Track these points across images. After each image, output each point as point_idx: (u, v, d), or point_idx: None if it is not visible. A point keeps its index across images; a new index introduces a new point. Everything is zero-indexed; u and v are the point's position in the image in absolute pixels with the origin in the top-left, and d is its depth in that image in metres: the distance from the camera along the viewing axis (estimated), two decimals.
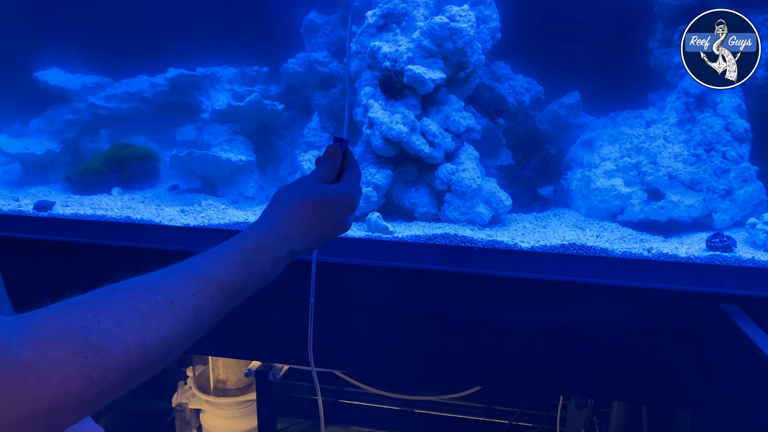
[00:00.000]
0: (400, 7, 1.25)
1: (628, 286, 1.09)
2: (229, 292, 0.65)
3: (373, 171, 1.24)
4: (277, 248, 0.71)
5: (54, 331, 0.50)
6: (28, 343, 0.48)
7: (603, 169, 1.27)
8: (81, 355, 0.50)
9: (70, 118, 1.53)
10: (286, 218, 0.74)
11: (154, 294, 0.58)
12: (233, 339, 1.21)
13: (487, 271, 1.14)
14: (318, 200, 0.75)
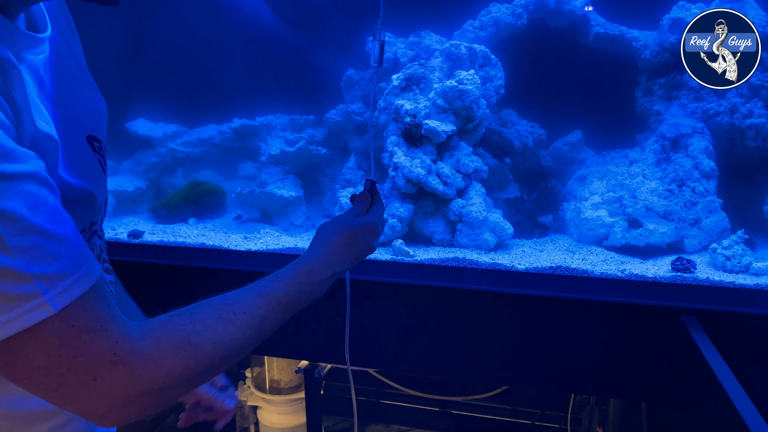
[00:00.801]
0: (419, 72, 1.52)
1: (604, 301, 1.31)
2: (286, 305, 0.82)
3: (398, 205, 1.50)
4: (321, 272, 0.88)
5: (165, 332, 0.67)
6: (149, 340, 0.65)
7: (591, 202, 1.49)
8: (182, 349, 0.67)
9: (154, 161, 1.85)
10: (328, 247, 0.91)
11: (232, 307, 0.75)
12: (285, 341, 1.48)
13: (490, 288, 1.38)
14: (350, 231, 0.92)
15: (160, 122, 1.91)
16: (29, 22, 0.73)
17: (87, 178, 0.75)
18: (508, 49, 1.66)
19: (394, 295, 1.39)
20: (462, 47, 1.53)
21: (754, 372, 1.16)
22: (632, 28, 1.63)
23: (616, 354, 1.30)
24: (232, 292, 0.80)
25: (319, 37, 1.88)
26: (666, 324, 1.26)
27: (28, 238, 0.55)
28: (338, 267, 0.91)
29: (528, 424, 2.38)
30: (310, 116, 1.86)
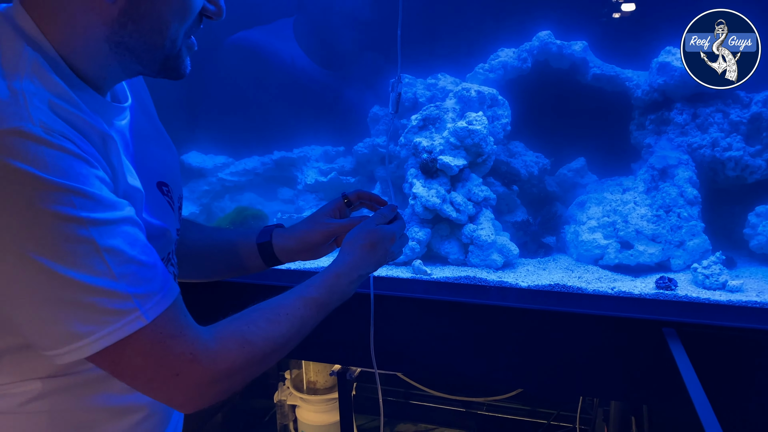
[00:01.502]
0: (434, 113, 1.72)
1: (595, 314, 1.49)
2: (321, 305, 0.96)
3: (417, 229, 1.71)
4: (349, 275, 1.01)
5: (227, 333, 0.82)
6: (215, 341, 0.79)
7: (588, 226, 1.67)
8: (241, 347, 0.81)
9: (206, 188, 2.09)
10: (354, 252, 1.03)
11: (277, 309, 0.89)
12: (321, 347, 1.69)
13: (496, 303, 1.57)
14: (372, 239, 1.05)
15: (210, 154, 2.16)
16: (113, 93, 0.95)
17: (162, 218, 0.97)
18: (515, 89, 1.84)
19: (414, 309, 1.56)
20: (472, 90, 1.72)
21: (720, 376, 1.33)
22: (627, 67, 1.80)
23: (609, 361, 1.47)
24: (277, 297, 0.93)
25: (348, 77, 2.09)
26: (650, 335, 1.43)
27: (128, 267, 0.74)
28: (363, 270, 1.04)
29: (544, 424, 2.55)
30: (340, 148, 2.08)
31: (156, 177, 0.98)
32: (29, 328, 0.73)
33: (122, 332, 0.72)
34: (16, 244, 0.67)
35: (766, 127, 1.62)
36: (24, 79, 0.71)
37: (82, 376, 0.85)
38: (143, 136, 0.98)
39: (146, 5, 0.78)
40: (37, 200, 0.66)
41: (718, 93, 1.66)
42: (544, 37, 1.79)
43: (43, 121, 0.68)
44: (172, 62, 0.86)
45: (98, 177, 0.73)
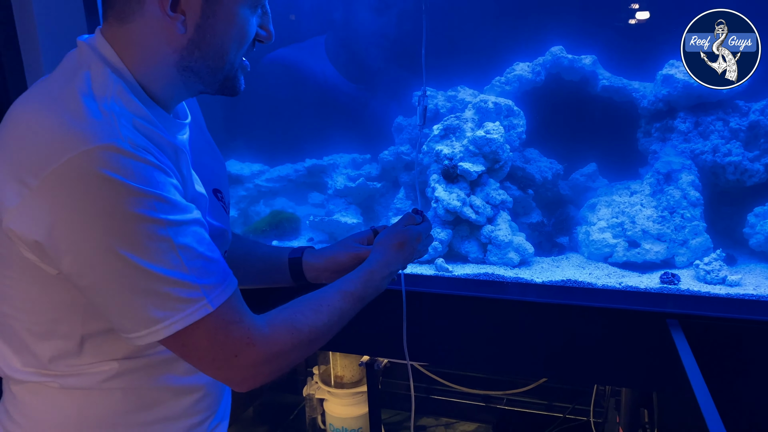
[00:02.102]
0: (454, 124, 1.86)
1: (604, 307, 1.60)
2: (358, 298, 1.06)
3: (439, 230, 1.84)
4: (381, 271, 1.12)
5: (277, 321, 0.93)
6: (268, 327, 0.89)
7: (598, 227, 1.79)
8: (290, 332, 0.92)
9: (243, 194, 2.25)
10: (386, 251, 1.17)
11: (319, 301, 1.00)
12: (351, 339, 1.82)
13: (513, 297, 1.69)
14: (400, 239, 1.18)
15: (247, 162, 2.31)
16: (175, 112, 1.10)
17: (220, 220, 1.12)
18: (530, 100, 1.97)
19: (437, 303, 1.67)
20: (489, 102, 1.86)
21: (718, 362, 1.44)
22: (633, 78, 1.92)
23: (618, 351, 1.58)
24: (319, 290, 1.05)
25: (374, 90, 2.24)
26: (655, 326, 1.55)
27: (197, 262, 0.84)
28: (393, 267, 1.16)
29: (560, 417, 2.64)
30: (367, 155, 2.22)
31: (211, 185, 1.12)
32: (114, 314, 0.83)
33: (192, 317, 0.82)
34: (107, 241, 0.78)
35: (763, 134, 1.73)
36: (111, 101, 0.85)
37: (152, 359, 0.96)
38: (198, 149, 1.12)
39: (211, 35, 0.91)
40: (126, 204, 0.77)
41: (719, 102, 1.78)
42: (556, 51, 1.92)
43: (130, 137, 0.80)
44: (230, 82, 0.98)
45: (173, 184, 0.85)
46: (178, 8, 0.88)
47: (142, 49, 0.91)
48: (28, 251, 0.85)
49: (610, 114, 1.95)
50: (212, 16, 0.90)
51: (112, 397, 0.96)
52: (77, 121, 0.80)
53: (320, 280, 1.30)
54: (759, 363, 1.44)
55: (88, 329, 0.91)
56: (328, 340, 1.03)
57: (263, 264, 1.33)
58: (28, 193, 0.79)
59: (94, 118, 0.80)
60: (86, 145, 0.77)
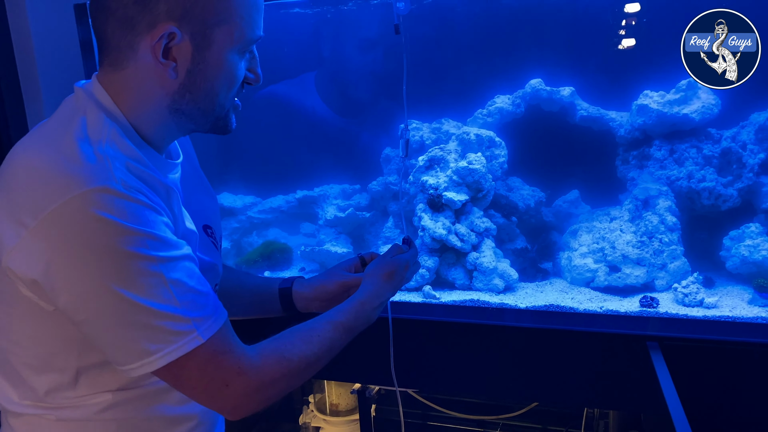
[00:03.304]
0: (438, 155, 1.92)
1: (586, 331, 1.64)
2: (348, 329, 1.09)
3: (426, 258, 1.89)
4: (371, 301, 1.15)
5: (268, 351, 0.97)
6: (258, 357, 0.94)
7: (580, 252, 1.84)
8: (280, 363, 0.97)
9: (236, 226, 2.29)
10: (376, 281, 1.21)
11: (310, 332, 1.05)
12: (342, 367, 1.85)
13: (498, 322, 1.74)
14: (390, 269, 1.22)
15: (240, 194, 2.37)
16: (167, 152, 1.15)
17: (210, 255, 1.17)
18: (511, 131, 2.04)
19: (425, 330, 1.69)
20: (471, 134, 1.93)
21: (694, 381, 1.48)
22: (611, 108, 1.99)
23: (602, 374, 1.61)
24: (310, 321, 1.08)
25: (362, 123, 2.31)
26: (636, 349, 1.59)
27: (188, 296, 0.89)
28: (383, 297, 1.20)
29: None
30: (356, 186, 2.28)
31: (202, 221, 1.17)
32: (109, 347, 0.88)
33: (183, 349, 0.86)
34: (102, 278, 0.83)
35: (735, 161, 1.79)
36: (106, 144, 0.90)
37: (146, 389, 1.01)
38: (191, 185, 1.17)
39: (201, 79, 0.97)
40: (119, 243, 0.82)
41: (692, 130, 1.84)
42: (535, 84, 1.99)
43: (123, 179, 0.85)
44: (221, 122, 1.04)
45: (164, 223, 0.90)
46: (170, 55, 0.94)
47: (136, 93, 0.97)
48: (26, 289, 0.90)
49: (590, 143, 2.01)
50: (202, 62, 0.96)
51: (107, 427, 0.99)
52: (73, 164, 0.85)
53: (311, 309, 1.34)
54: (735, 383, 1.48)
55: (84, 362, 0.95)
56: (318, 370, 1.06)
57: (254, 295, 1.37)
58: (25, 233, 0.84)
59: (89, 161, 0.86)
60: (81, 188, 0.83)
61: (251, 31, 0.99)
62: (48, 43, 1.96)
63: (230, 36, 0.96)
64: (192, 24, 0.93)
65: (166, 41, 0.92)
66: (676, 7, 1.86)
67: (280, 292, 1.35)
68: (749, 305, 1.62)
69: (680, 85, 1.86)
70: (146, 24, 0.91)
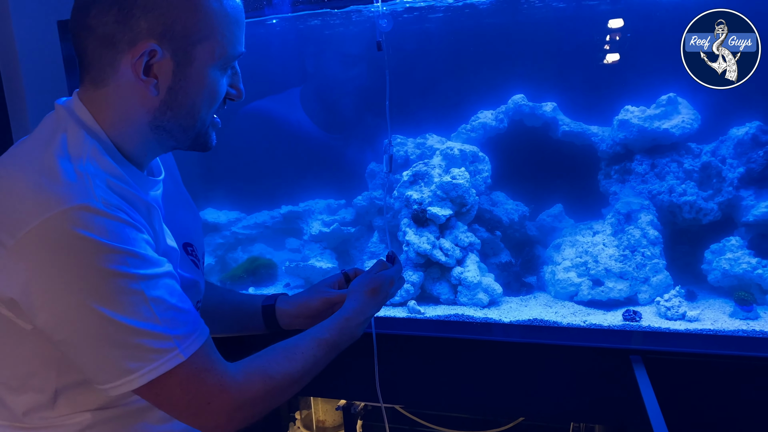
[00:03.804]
0: (423, 170, 1.93)
1: (570, 345, 1.65)
2: (332, 345, 1.09)
3: (411, 273, 1.90)
4: (356, 317, 1.18)
5: (251, 368, 0.98)
6: (241, 374, 0.96)
7: (563, 266, 1.85)
8: (263, 380, 0.97)
9: (221, 242, 2.28)
10: (360, 298, 1.21)
11: (294, 348, 1.05)
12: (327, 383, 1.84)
13: (482, 337, 1.74)
14: (374, 286, 1.23)
15: (224, 210, 2.37)
16: (149, 169, 1.15)
17: (191, 272, 1.17)
18: (495, 146, 2.05)
19: (410, 346, 1.69)
20: (455, 149, 1.94)
21: (677, 395, 1.49)
22: (593, 123, 2.02)
23: (586, 388, 1.61)
24: (294, 337, 1.09)
25: (347, 138, 2.32)
26: (620, 363, 1.59)
27: (169, 313, 0.89)
28: (368, 313, 1.21)
29: None
30: (342, 201, 2.28)
31: (183, 238, 1.16)
32: (89, 366, 0.87)
33: (165, 367, 0.86)
34: (81, 296, 0.83)
35: (715, 174, 1.82)
36: (86, 162, 0.90)
37: (126, 408, 1.00)
38: (172, 203, 1.17)
39: (182, 96, 0.98)
40: (99, 261, 0.82)
41: (673, 145, 1.86)
42: (518, 100, 2.01)
43: (104, 197, 0.86)
44: (202, 138, 1.04)
45: (145, 240, 0.90)
46: (151, 72, 0.94)
47: (117, 110, 0.97)
48: (3, 308, 0.89)
49: (572, 157, 2.03)
50: (183, 79, 0.96)
51: None
52: (53, 183, 0.85)
53: (294, 326, 1.34)
54: (717, 396, 1.49)
55: (62, 382, 0.95)
56: (302, 387, 1.06)
57: (237, 312, 1.36)
58: (4, 252, 0.84)
59: (69, 179, 0.86)
60: (61, 206, 0.83)
61: (232, 47, 1.00)
62: (33, 58, 1.96)
63: (211, 53, 0.97)
64: (173, 41, 0.93)
65: (147, 59, 0.92)
66: (659, 22, 1.90)
67: (263, 309, 1.35)
68: (731, 318, 1.63)
69: (661, 100, 1.88)
70: (127, 42, 0.91)
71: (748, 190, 1.80)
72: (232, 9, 0.97)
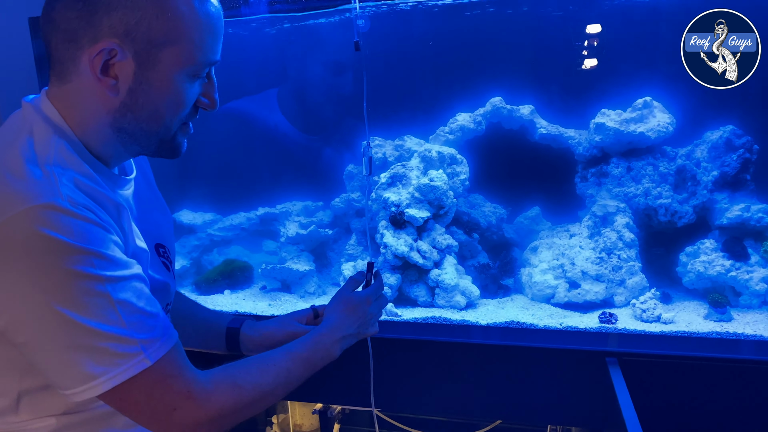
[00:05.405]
0: (401, 172, 1.92)
1: (545, 347, 1.65)
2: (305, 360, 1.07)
3: (389, 275, 1.88)
4: (331, 334, 1.15)
5: (221, 377, 0.94)
6: (210, 383, 0.92)
7: (540, 268, 1.85)
8: (233, 390, 0.94)
9: (196, 243, 2.25)
10: (335, 315, 1.19)
11: (267, 360, 1.03)
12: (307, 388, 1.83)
13: (458, 339, 1.73)
14: (348, 303, 1.21)
15: (200, 211, 2.33)
16: (121, 167, 1.12)
17: (161, 274, 1.13)
18: (473, 148, 2.05)
19: (387, 348, 1.72)
20: (433, 151, 1.93)
21: (652, 396, 1.49)
22: (570, 125, 2.02)
23: (563, 390, 1.61)
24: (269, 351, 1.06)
25: (325, 139, 2.30)
26: (596, 365, 1.59)
27: (136, 316, 0.85)
28: (345, 331, 1.17)
29: None
30: (319, 202, 2.26)
31: (155, 239, 1.12)
32: (51, 371, 0.84)
33: (130, 372, 0.83)
34: (45, 298, 0.79)
35: (690, 178, 1.83)
36: (53, 160, 0.86)
37: (90, 414, 0.96)
38: (144, 202, 1.14)
39: (143, 99, 0.93)
40: (63, 261, 0.79)
41: (648, 148, 1.87)
42: (496, 102, 2.01)
43: (70, 196, 0.82)
44: (167, 145, 1.00)
45: (113, 241, 0.86)
46: (111, 72, 0.91)
47: (80, 109, 0.94)
48: None
49: (550, 160, 2.03)
50: (145, 82, 0.93)
51: None
52: (18, 180, 0.82)
53: (255, 353, 1.33)
54: (691, 397, 1.50)
55: (25, 386, 0.91)
56: (275, 401, 1.04)
57: (201, 328, 1.32)
58: None
59: (35, 177, 0.83)
60: (25, 204, 0.79)
61: (203, 54, 0.96)
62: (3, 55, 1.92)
63: (178, 58, 0.93)
64: (136, 43, 0.90)
65: (106, 57, 0.89)
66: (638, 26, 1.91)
67: (227, 330, 1.31)
68: (705, 320, 1.64)
69: (637, 103, 1.89)
70: (88, 39, 0.88)
71: (722, 193, 1.82)
72: (205, 15, 0.93)
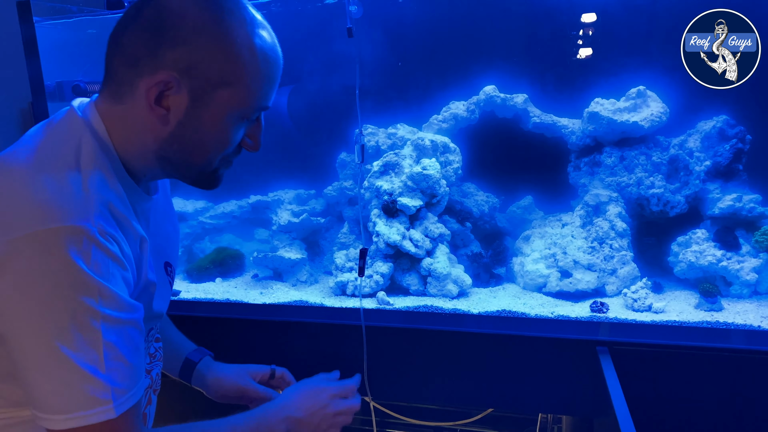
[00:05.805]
0: (393, 160, 1.91)
1: (537, 336, 1.65)
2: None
3: (381, 264, 1.87)
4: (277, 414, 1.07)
5: None
6: None
7: (532, 258, 1.85)
8: None
9: (187, 231, 2.23)
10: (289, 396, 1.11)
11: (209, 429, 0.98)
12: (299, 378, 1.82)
13: (450, 328, 1.73)
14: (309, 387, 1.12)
15: (191, 199, 2.31)
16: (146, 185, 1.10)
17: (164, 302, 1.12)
18: (466, 136, 2.04)
19: (378, 337, 1.71)
20: (426, 140, 1.92)
21: (644, 387, 1.50)
22: (564, 114, 2.01)
23: (554, 379, 1.62)
24: (214, 420, 1.03)
25: (318, 127, 2.29)
26: (587, 354, 1.60)
27: (116, 363, 0.84)
28: (293, 413, 1.10)
29: None
30: (312, 191, 2.24)
31: (164, 257, 1.12)
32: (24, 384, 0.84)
33: (94, 419, 0.82)
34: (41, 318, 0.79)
35: (682, 168, 1.82)
36: (96, 181, 0.87)
37: None
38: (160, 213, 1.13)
39: (191, 133, 0.93)
40: (71, 287, 0.79)
41: (641, 138, 1.87)
42: (489, 91, 2.00)
43: (101, 223, 0.83)
44: (206, 177, 1.00)
45: (125, 278, 0.87)
46: (164, 102, 0.91)
47: (129, 130, 0.94)
48: None
49: (543, 149, 2.02)
50: (195, 118, 0.92)
51: None
52: (57, 194, 0.83)
53: (202, 390, 1.32)
54: (681, 386, 1.50)
55: None
56: None
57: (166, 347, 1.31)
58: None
59: (74, 196, 0.84)
60: (58, 222, 0.80)
61: (256, 100, 0.95)
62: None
63: (232, 100, 0.93)
64: (193, 79, 0.90)
65: (163, 88, 0.90)
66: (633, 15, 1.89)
67: (186, 360, 1.31)
68: (696, 310, 1.64)
69: (630, 92, 1.88)
70: (149, 67, 0.89)
71: (715, 183, 1.82)
72: (265, 63, 0.94)
